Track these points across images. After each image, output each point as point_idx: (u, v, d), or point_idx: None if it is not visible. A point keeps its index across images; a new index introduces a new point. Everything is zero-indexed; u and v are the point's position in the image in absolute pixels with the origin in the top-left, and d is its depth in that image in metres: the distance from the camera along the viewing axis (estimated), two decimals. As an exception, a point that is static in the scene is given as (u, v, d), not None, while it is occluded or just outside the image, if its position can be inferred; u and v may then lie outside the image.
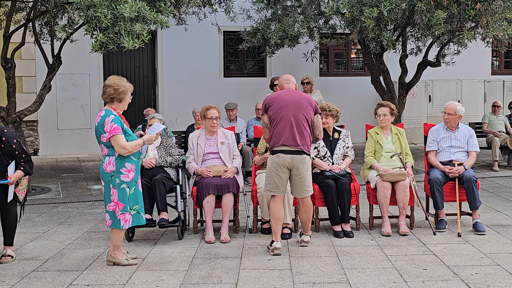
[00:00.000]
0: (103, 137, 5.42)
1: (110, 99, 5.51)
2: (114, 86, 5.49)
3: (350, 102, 14.72)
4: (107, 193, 5.52)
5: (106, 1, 7.04)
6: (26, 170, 5.77)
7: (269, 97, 6.18)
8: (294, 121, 5.93)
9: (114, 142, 5.38)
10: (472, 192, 6.72)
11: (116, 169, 5.45)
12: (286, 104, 5.98)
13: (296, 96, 6.10)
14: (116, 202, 5.49)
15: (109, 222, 5.54)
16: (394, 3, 9.07)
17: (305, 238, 6.21)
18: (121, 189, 5.47)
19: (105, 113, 5.44)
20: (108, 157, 5.47)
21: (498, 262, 5.55)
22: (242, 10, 11.28)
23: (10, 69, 9.33)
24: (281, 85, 6.35)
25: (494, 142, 11.39)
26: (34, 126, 13.54)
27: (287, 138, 5.90)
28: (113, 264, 5.61)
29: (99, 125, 5.42)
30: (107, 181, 5.49)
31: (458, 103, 7.17)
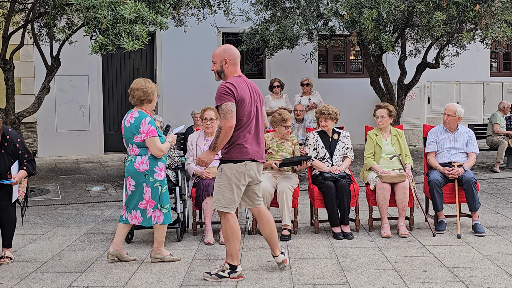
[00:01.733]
0: (136, 138, 5.55)
1: (140, 102, 5.64)
2: (142, 89, 5.61)
3: (349, 104, 14.72)
4: (139, 192, 5.64)
5: (105, 2, 7.03)
6: (29, 170, 5.78)
7: (235, 81, 5.15)
8: (259, 122, 5.27)
9: (151, 144, 5.53)
10: (472, 194, 6.72)
11: (150, 168, 5.60)
12: (250, 101, 5.17)
13: (254, 87, 5.31)
14: (148, 200, 5.65)
15: (139, 219, 5.68)
16: (393, 5, 9.08)
17: (279, 259, 5.38)
18: (155, 187, 5.64)
19: (139, 114, 5.58)
20: (140, 156, 5.60)
21: (498, 264, 5.55)
22: (241, 12, 11.29)
23: (9, 71, 9.32)
24: (234, 61, 5.26)
25: (502, 144, 11.34)
26: (32, 127, 13.52)
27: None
28: (158, 261, 5.69)
29: (133, 126, 5.55)
30: (140, 180, 5.62)
31: (458, 105, 7.17)
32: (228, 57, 5.21)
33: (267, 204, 6.62)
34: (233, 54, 5.24)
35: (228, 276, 5.16)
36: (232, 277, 5.16)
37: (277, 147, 6.93)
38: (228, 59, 5.21)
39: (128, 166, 5.69)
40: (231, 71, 5.24)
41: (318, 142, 6.93)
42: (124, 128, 5.65)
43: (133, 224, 5.76)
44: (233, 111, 4.97)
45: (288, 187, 6.61)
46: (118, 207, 8.41)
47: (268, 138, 6.97)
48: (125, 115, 5.70)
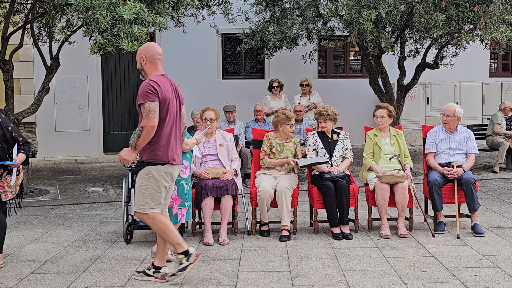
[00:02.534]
0: None
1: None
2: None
3: (348, 104, 14.72)
4: None
5: (105, 3, 7.03)
6: (26, 152, 5.77)
7: (159, 79, 5.01)
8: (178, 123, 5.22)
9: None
10: (471, 194, 6.72)
11: None
12: (172, 101, 5.08)
13: (176, 87, 5.25)
14: (174, 198, 5.76)
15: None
16: (392, 5, 9.08)
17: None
18: (180, 185, 5.77)
19: None
20: None
21: (497, 264, 5.55)
22: (241, 12, 11.29)
23: (8, 71, 9.32)
24: (152, 58, 5.11)
25: (504, 145, 11.34)
26: (32, 128, 13.52)
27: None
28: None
29: None
30: None
31: (457, 105, 7.17)
32: (145, 54, 5.09)
33: (266, 205, 6.63)
34: (151, 51, 5.11)
35: (153, 275, 5.17)
36: (156, 277, 5.15)
37: (280, 147, 6.94)
38: (145, 56, 5.09)
39: None
40: (151, 69, 5.12)
41: (318, 142, 6.94)
42: None
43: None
44: (156, 111, 4.86)
45: (288, 187, 6.61)
46: (118, 208, 8.41)
47: (271, 138, 6.98)
48: None
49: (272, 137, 6.98)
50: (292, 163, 6.81)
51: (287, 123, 6.88)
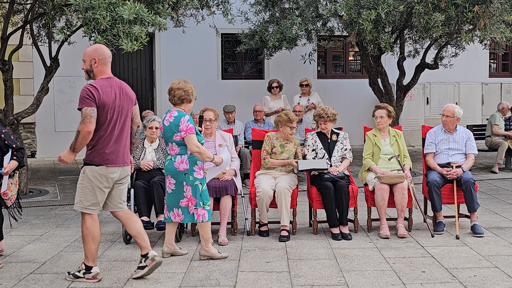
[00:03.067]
0: (176, 136, 5.67)
1: (181, 101, 5.78)
2: (183, 88, 5.77)
3: (348, 105, 14.72)
4: (179, 190, 5.77)
5: (104, 3, 7.03)
6: (19, 159, 5.75)
7: (99, 84, 5.08)
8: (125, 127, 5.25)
9: (188, 140, 5.63)
10: (470, 194, 6.72)
11: (189, 167, 5.73)
12: (113, 105, 5.11)
13: (124, 89, 5.27)
14: (189, 198, 5.77)
15: (181, 216, 5.81)
16: (392, 6, 9.08)
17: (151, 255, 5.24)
18: (195, 185, 5.77)
19: (179, 113, 5.72)
20: (179, 156, 5.73)
21: (496, 264, 5.55)
22: (240, 13, 11.28)
23: (7, 71, 9.32)
24: (104, 61, 5.17)
25: (502, 145, 11.35)
26: (31, 128, 13.52)
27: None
28: (207, 259, 5.81)
29: (172, 125, 5.67)
30: (180, 179, 5.74)
31: (456, 105, 7.17)
32: (98, 56, 5.14)
33: (266, 205, 6.62)
34: (103, 54, 5.17)
35: (83, 276, 5.17)
36: (87, 278, 5.17)
37: (280, 147, 6.94)
38: (97, 58, 5.14)
39: (167, 165, 5.80)
40: (100, 71, 5.18)
41: (317, 143, 6.94)
42: (164, 127, 5.77)
43: (175, 222, 5.87)
44: (92, 116, 4.92)
45: (287, 187, 6.61)
46: (117, 208, 8.40)
47: (272, 138, 6.98)
48: (164, 115, 5.81)
49: (273, 137, 6.99)
50: (295, 164, 6.81)
51: (288, 125, 6.88)
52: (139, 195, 6.58)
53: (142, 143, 7.06)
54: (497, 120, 11.66)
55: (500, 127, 11.66)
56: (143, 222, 6.40)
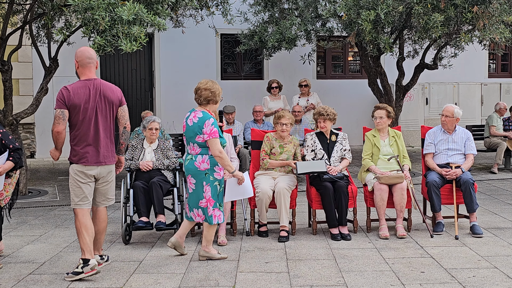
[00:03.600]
0: (198, 137, 5.67)
1: (207, 101, 5.76)
2: (210, 89, 5.75)
3: (347, 105, 14.73)
4: (198, 190, 5.76)
5: (103, 3, 7.03)
6: (15, 160, 5.74)
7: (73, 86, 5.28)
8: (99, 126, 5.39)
9: (212, 144, 5.63)
10: (470, 195, 6.73)
11: (210, 167, 5.73)
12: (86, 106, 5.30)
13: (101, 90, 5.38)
14: (208, 198, 5.76)
15: (202, 216, 5.80)
16: (391, 6, 9.08)
17: (93, 262, 5.26)
18: (214, 186, 5.77)
19: (203, 114, 5.70)
20: (201, 156, 5.72)
21: (496, 265, 5.55)
22: (240, 13, 11.28)
23: (7, 72, 9.32)
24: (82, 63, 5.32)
25: (501, 146, 11.36)
26: (31, 128, 13.52)
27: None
28: (206, 259, 5.81)
29: (196, 126, 5.67)
30: (200, 178, 5.74)
31: (456, 106, 7.17)
32: (76, 59, 5.36)
33: (265, 206, 6.63)
34: (81, 56, 5.34)
35: (82, 271, 5.22)
36: (86, 272, 5.21)
37: (280, 148, 6.94)
38: (76, 61, 5.36)
39: (188, 164, 5.79)
40: (81, 73, 5.38)
41: (316, 143, 6.94)
42: (187, 126, 5.77)
43: (197, 222, 5.89)
44: (60, 118, 5.21)
45: (286, 188, 6.61)
46: (116, 208, 8.41)
47: (271, 138, 6.99)
48: (187, 114, 5.81)
49: (272, 138, 6.99)
50: (293, 165, 6.81)
51: (277, 121, 6.94)
52: (138, 196, 6.57)
53: (141, 143, 7.06)
54: (494, 121, 11.67)
55: (498, 128, 11.67)
56: (143, 222, 6.41)
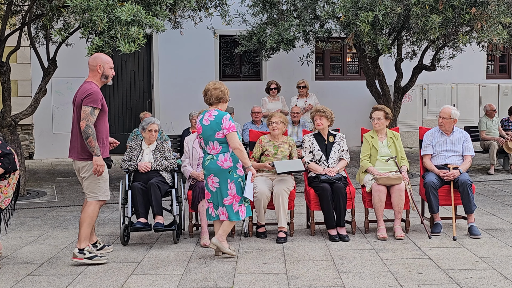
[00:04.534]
0: (218, 134, 5.80)
1: (218, 100, 5.96)
2: (220, 88, 5.97)
3: (345, 106, 14.74)
4: (222, 188, 5.86)
5: (102, 4, 7.04)
6: (4, 165, 5.71)
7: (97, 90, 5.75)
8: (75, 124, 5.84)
9: (231, 138, 5.78)
10: (467, 196, 6.74)
11: (233, 164, 5.86)
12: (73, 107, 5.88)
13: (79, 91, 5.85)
14: (234, 195, 5.87)
15: (226, 215, 5.89)
16: (389, 8, 9.10)
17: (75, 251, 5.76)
18: (238, 183, 5.89)
19: (219, 112, 5.88)
20: (222, 154, 5.84)
21: (493, 266, 5.56)
22: (238, 14, 11.30)
23: (5, 73, 9.32)
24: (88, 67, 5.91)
25: (492, 146, 11.41)
26: (29, 129, 13.52)
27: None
28: (216, 249, 5.89)
29: (214, 123, 5.81)
30: (224, 176, 5.85)
31: (453, 107, 7.18)
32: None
33: (263, 207, 6.63)
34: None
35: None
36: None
37: (273, 149, 6.94)
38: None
39: (209, 164, 5.86)
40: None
41: (314, 145, 6.95)
42: (203, 127, 5.87)
43: (222, 220, 5.96)
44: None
45: (284, 189, 6.62)
46: (115, 209, 8.41)
47: (264, 141, 6.99)
48: (201, 116, 5.95)
49: (266, 140, 6.99)
50: (269, 166, 6.77)
51: (268, 121, 7.02)
52: (136, 197, 6.58)
53: (140, 144, 7.06)
54: (483, 126, 11.81)
55: (488, 131, 11.75)
56: (141, 223, 6.41)
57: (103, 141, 5.78)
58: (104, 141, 5.80)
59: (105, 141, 5.83)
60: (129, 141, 9.88)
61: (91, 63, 5.82)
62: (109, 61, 5.88)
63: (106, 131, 5.87)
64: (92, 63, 5.82)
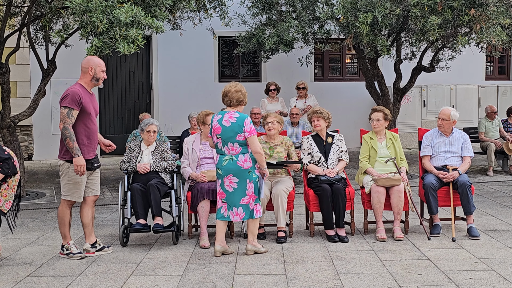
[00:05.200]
0: (239, 136, 5.92)
1: (238, 103, 6.06)
2: (241, 91, 6.06)
3: (345, 107, 14.75)
4: (241, 188, 5.99)
5: (101, 6, 7.04)
6: (4, 171, 5.69)
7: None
8: None
9: (253, 141, 5.94)
10: (466, 197, 6.74)
11: (252, 164, 6.01)
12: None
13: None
14: (251, 195, 6.01)
15: (242, 214, 6.01)
16: (388, 9, 9.11)
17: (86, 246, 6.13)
18: (255, 183, 6.04)
19: (240, 115, 6.00)
20: (242, 155, 5.98)
21: (492, 267, 5.56)
22: (237, 15, 11.30)
23: (4, 74, 9.32)
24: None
25: (489, 147, 11.42)
26: (28, 131, 13.52)
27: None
28: (253, 253, 6.04)
29: (236, 125, 5.93)
30: (244, 176, 5.98)
31: (452, 108, 7.19)
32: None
33: (262, 207, 6.63)
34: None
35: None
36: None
37: (269, 150, 6.94)
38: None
39: (228, 165, 5.95)
40: None
41: (313, 146, 6.95)
42: (223, 128, 5.96)
43: (234, 221, 6.11)
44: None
45: (283, 189, 6.62)
46: (114, 210, 8.41)
47: (260, 142, 6.99)
48: (219, 116, 6.02)
49: (261, 141, 6.97)
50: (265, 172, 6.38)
51: (264, 122, 7.07)
52: (136, 198, 6.58)
53: (139, 145, 7.06)
54: (481, 127, 11.83)
55: (487, 132, 11.76)
56: (140, 224, 6.41)
57: (84, 142, 5.90)
58: (85, 142, 5.90)
59: (86, 142, 5.92)
60: (128, 142, 9.87)
61: (83, 65, 6.00)
62: (101, 64, 6.05)
63: (90, 132, 5.95)
64: (85, 65, 6.01)
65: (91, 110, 5.94)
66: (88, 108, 5.90)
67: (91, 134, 5.97)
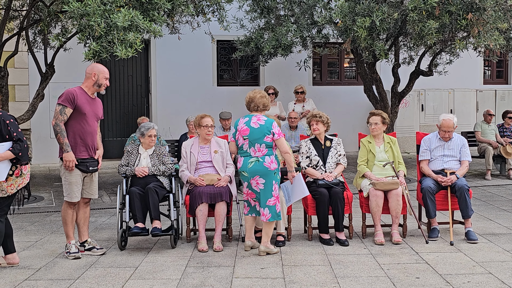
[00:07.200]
0: (267, 138, 6.15)
1: (264, 107, 6.36)
2: (266, 97, 6.37)
3: (343, 111, 14.76)
4: (268, 189, 6.15)
5: (99, 10, 7.05)
6: (15, 151, 5.56)
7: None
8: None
9: (281, 143, 6.19)
10: (465, 201, 6.75)
11: (277, 166, 6.21)
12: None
13: None
14: (277, 196, 6.18)
15: (268, 215, 6.14)
16: (386, 13, 9.13)
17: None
18: (278, 184, 6.24)
19: (267, 118, 6.27)
20: (268, 156, 6.16)
21: (490, 271, 5.57)
22: (236, 19, 11.31)
23: (3, 78, 9.33)
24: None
25: (487, 151, 11.44)
26: (27, 134, 13.50)
27: None
28: (265, 254, 6.15)
29: (264, 127, 6.17)
30: (270, 178, 6.16)
31: (451, 115, 7.14)
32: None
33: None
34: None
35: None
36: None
37: None
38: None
39: (254, 166, 6.12)
40: None
41: (311, 150, 6.95)
42: (251, 129, 6.18)
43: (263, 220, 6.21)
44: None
45: (283, 196, 6.61)
46: (112, 214, 8.41)
47: None
48: (245, 119, 6.28)
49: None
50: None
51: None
52: (134, 202, 6.57)
53: (137, 149, 7.06)
54: (478, 127, 11.91)
55: (483, 133, 11.78)
56: (138, 228, 6.41)
57: (76, 140, 6.11)
58: (77, 141, 6.12)
59: (79, 141, 6.12)
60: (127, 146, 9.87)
61: (87, 71, 6.26)
62: (104, 72, 6.27)
63: (83, 132, 6.14)
64: (89, 71, 6.27)
65: (86, 111, 6.10)
66: (83, 108, 6.08)
67: (85, 134, 6.13)
